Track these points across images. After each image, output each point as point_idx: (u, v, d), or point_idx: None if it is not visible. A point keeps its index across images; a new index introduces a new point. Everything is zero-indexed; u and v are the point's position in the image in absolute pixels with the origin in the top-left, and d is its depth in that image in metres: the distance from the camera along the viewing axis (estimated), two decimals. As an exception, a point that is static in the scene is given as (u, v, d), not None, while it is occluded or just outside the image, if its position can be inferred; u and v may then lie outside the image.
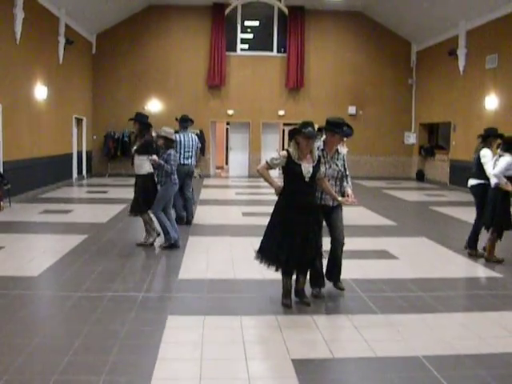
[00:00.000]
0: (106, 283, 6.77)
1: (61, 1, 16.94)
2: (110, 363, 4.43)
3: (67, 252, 8.40)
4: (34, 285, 6.83)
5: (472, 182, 8.77)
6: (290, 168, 5.86)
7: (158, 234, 8.97)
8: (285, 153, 5.93)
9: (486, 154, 8.49)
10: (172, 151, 8.66)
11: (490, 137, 8.69)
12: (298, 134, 5.84)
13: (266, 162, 6.03)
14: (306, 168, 5.81)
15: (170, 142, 8.68)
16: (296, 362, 4.55)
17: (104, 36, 22.13)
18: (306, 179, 5.82)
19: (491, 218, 8.23)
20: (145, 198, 8.69)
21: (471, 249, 8.69)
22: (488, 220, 8.29)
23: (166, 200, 8.75)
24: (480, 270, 7.99)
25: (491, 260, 8.30)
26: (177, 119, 11.26)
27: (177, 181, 8.84)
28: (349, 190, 6.36)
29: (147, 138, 8.68)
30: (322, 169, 6.03)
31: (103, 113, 22.18)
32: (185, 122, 11.05)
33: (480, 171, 8.55)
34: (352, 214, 10.45)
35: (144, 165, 8.65)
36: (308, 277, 6.23)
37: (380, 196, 17.13)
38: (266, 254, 5.98)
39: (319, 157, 6.00)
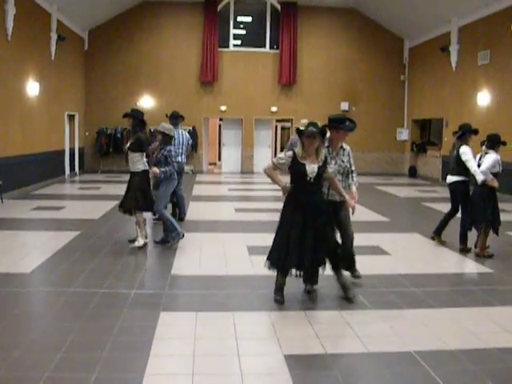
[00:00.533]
0: (98, 280, 6.76)
1: (52, -4, 16.87)
2: (102, 360, 4.43)
3: (59, 249, 8.38)
4: (27, 281, 6.80)
5: (452, 178, 8.86)
6: (295, 168, 5.88)
7: (145, 244, 8.60)
8: (290, 153, 5.98)
9: (466, 151, 8.56)
10: (172, 147, 8.56)
11: (465, 133, 8.77)
12: (302, 134, 5.87)
13: (273, 163, 6.08)
14: (311, 168, 5.81)
15: (168, 138, 8.54)
16: (288, 357, 4.56)
17: (96, 32, 22.03)
18: (311, 179, 5.82)
19: (483, 215, 8.33)
20: (142, 196, 8.49)
21: (462, 244, 8.78)
22: (480, 217, 8.39)
23: (167, 196, 8.72)
24: (471, 266, 8.03)
25: (482, 255, 8.37)
26: (167, 116, 11.14)
27: (176, 176, 8.77)
28: (353, 188, 6.55)
29: (140, 135, 8.50)
30: (330, 168, 6.03)
31: (95, 109, 22.09)
32: (175, 119, 10.86)
33: (460, 168, 8.64)
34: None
35: (138, 162, 8.49)
36: (302, 272, 6.14)
37: (372, 192, 17.16)
38: (275, 259, 5.98)
39: (326, 157, 5.99)
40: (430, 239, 9.30)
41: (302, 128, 12.34)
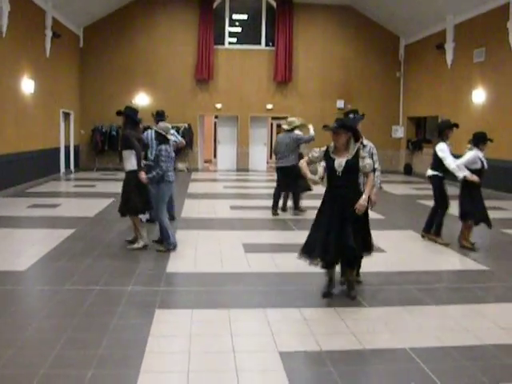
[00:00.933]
0: (93, 277, 6.76)
1: (47, -7, 16.83)
2: (98, 357, 4.43)
3: (55, 246, 8.37)
4: (22, 279, 6.80)
5: (428, 172, 9.18)
6: (326, 162, 6.06)
7: (145, 246, 8.38)
8: (324, 148, 6.13)
9: (442, 148, 8.77)
10: (163, 147, 8.16)
11: (444, 130, 8.95)
12: (330, 130, 6.03)
13: (308, 157, 6.26)
14: (339, 162, 5.92)
15: (161, 138, 8.19)
16: (284, 354, 4.57)
17: (91, 29, 21.99)
18: (339, 173, 5.92)
19: (465, 209, 8.67)
20: (126, 198, 8.22)
21: (436, 235, 9.11)
22: (462, 212, 8.72)
23: (164, 200, 8.29)
24: (467, 263, 8.04)
25: (464, 246, 8.71)
26: (153, 114, 10.96)
27: (171, 178, 8.29)
28: (374, 189, 6.59)
29: (126, 132, 8.24)
30: (362, 162, 5.96)
31: (91, 107, 22.05)
32: (161, 117, 10.68)
33: (436, 163, 8.92)
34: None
35: (127, 161, 8.20)
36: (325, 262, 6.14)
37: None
38: (305, 248, 6.12)
39: (357, 151, 5.98)
40: (421, 237, 9.39)
41: (285, 127, 12.44)
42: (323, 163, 6.29)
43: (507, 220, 11.47)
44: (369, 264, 7.55)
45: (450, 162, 8.59)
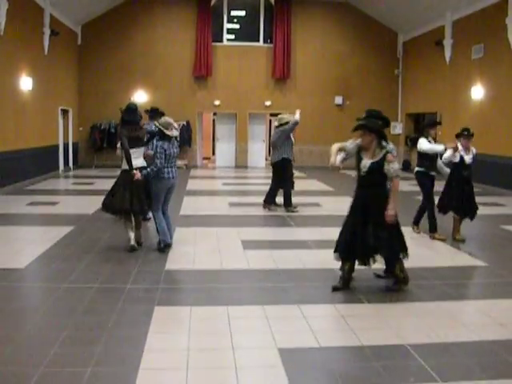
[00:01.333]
0: (92, 274, 6.76)
1: (45, -9, 16.79)
2: (96, 355, 4.43)
3: (54, 243, 8.37)
4: (21, 276, 6.80)
5: (415, 169, 9.43)
6: (356, 160, 6.14)
7: (132, 248, 8.05)
8: (358, 142, 6.18)
9: (421, 142, 9.07)
10: (159, 143, 7.99)
11: (426, 127, 9.34)
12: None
13: (342, 144, 6.30)
14: (364, 163, 5.99)
15: (160, 133, 8.03)
16: (282, 350, 4.58)
17: (89, 27, 21.92)
18: (363, 173, 6.01)
19: (440, 202, 9.09)
20: (113, 197, 8.09)
21: (433, 231, 9.22)
22: (444, 204, 9.09)
23: (158, 196, 8.12)
24: (465, 259, 8.05)
25: (455, 239, 8.99)
26: (147, 111, 10.85)
27: (166, 174, 8.05)
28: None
29: (119, 130, 8.19)
30: (387, 165, 5.95)
31: (89, 104, 22.00)
32: (153, 113, 10.58)
33: (420, 160, 9.21)
34: (338, 205, 10.45)
35: (122, 159, 8.15)
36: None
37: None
38: (336, 248, 6.26)
39: (384, 155, 5.98)
40: (431, 239, 9.22)
41: (276, 123, 12.47)
42: (344, 153, 6.30)
43: (506, 216, 11.48)
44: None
45: (427, 146, 8.87)
